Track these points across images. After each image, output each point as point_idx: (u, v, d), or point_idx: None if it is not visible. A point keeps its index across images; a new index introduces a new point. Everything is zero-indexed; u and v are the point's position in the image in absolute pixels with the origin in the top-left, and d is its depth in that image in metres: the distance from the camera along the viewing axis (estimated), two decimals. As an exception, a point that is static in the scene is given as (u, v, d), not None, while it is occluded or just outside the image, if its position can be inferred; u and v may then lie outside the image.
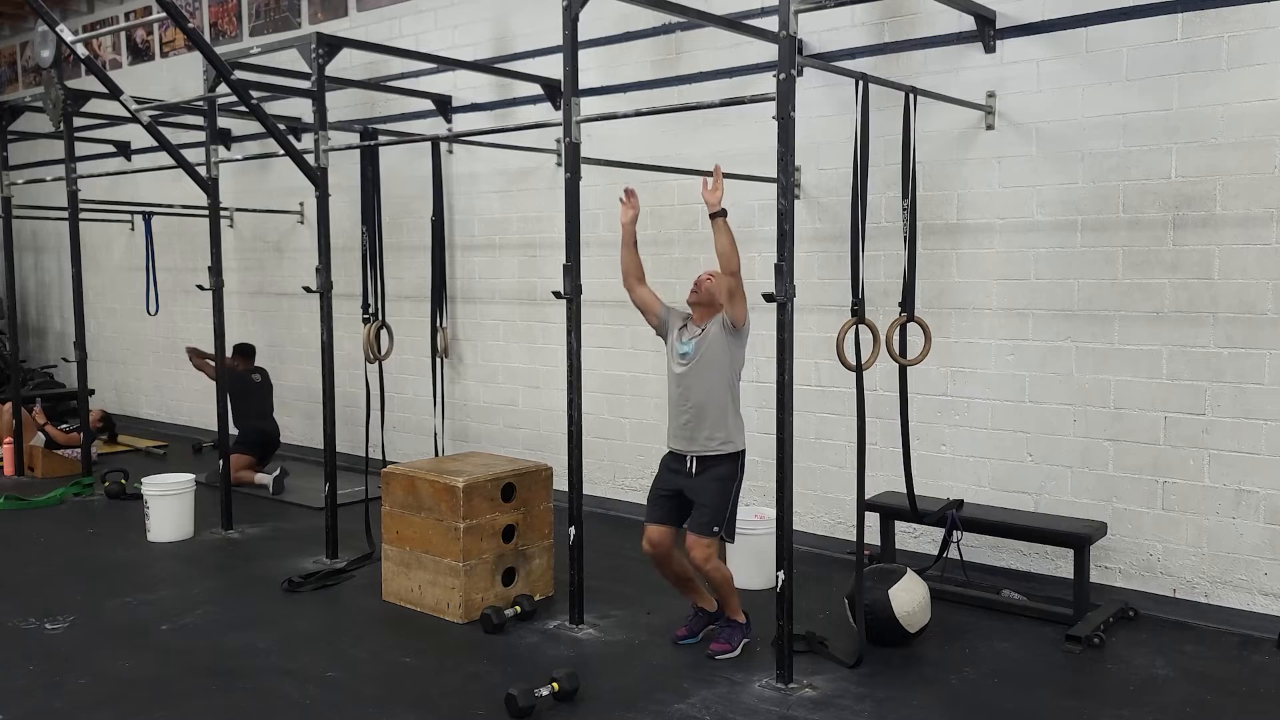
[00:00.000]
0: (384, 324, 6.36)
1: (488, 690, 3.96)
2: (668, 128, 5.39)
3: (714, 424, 4.21)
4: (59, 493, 7.25)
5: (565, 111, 4.48)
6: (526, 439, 7.27)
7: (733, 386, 4.26)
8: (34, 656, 4.38)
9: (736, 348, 4.24)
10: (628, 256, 4.43)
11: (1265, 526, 4.62)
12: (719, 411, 4.21)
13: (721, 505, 4.22)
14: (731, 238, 4.07)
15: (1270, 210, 4.52)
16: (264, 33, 8.80)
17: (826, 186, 5.76)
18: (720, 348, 4.21)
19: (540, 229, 7.09)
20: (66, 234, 7.75)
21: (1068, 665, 4.27)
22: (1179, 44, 4.67)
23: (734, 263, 4.08)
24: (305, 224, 8.68)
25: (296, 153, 5.65)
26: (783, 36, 3.81)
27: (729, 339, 4.21)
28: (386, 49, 6.63)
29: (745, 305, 4.17)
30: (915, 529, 5.47)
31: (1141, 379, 4.88)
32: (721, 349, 4.21)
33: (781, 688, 3.97)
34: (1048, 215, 5.09)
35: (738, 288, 4.12)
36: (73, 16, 10.58)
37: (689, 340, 4.28)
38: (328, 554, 5.74)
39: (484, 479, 4.81)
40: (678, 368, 4.29)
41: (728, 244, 4.06)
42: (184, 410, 10.13)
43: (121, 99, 5.92)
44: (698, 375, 4.23)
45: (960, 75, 5.26)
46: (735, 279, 4.11)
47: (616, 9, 5.25)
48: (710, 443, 4.22)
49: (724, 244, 4.07)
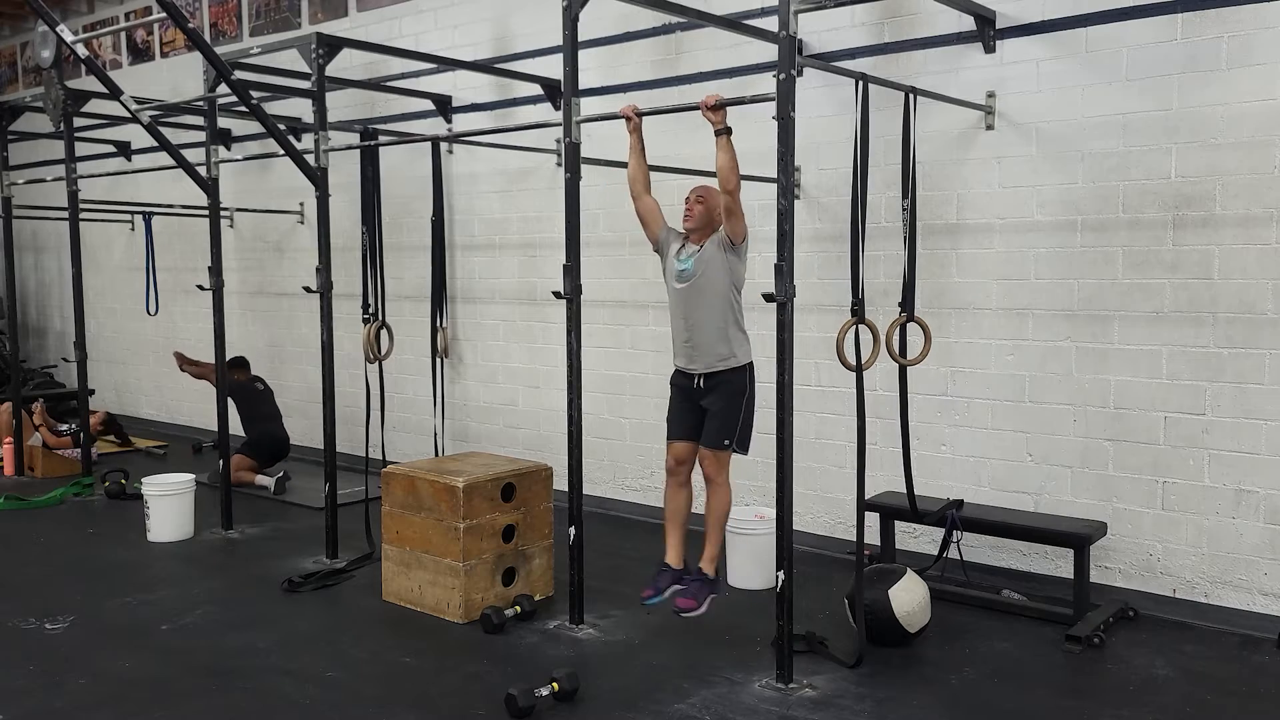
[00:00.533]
0: (384, 324, 6.36)
1: (488, 690, 3.96)
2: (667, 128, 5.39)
3: (715, 341, 4.20)
4: (59, 493, 7.25)
5: (565, 111, 4.48)
6: (526, 439, 7.27)
7: (734, 303, 4.23)
8: (34, 656, 4.38)
9: (736, 263, 4.21)
10: (636, 164, 4.38)
11: (1265, 526, 4.62)
12: (719, 329, 4.19)
13: (733, 417, 4.22)
14: (733, 156, 4.03)
15: (1270, 210, 4.52)
16: (264, 33, 8.80)
17: (826, 186, 5.76)
18: (719, 265, 4.18)
19: (540, 229, 7.10)
20: (66, 234, 7.75)
21: (1068, 665, 4.27)
22: (1179, 44, 4.67)
23: (733, 181, 4.04)
24: (305, 224, 8.68)
25: (296, 153, 5.65)
26: (783, 36, 3.82)
27: (728, 255, 4.18)
28: (386, 49, 6.63)
29: (744, 222, 4.14)
30: (915, 529, 5.47)
31: (1141, 379, 4.88)
32: (720, 266, 4.18)
33: (781, 688, 3.97)
34: (1048, 215, 5.09)
35: (735, 206, 4.08)
36: (73, 16, 10.58)
37: (687, 258, 4.25)
38: (328, 554, 5.74)
39: (484, 479, 4.81)
40: (677, 285, 4.28)
41: (729, 162, 4.02)
42: (184, 410, 10.13)
43: (121, 99, 5.92)
44: (697, 293, 4.21)
45: (960, 75, 5.26)
46: (732, 198, 4.07)
47: (616, 9, 5.25)
48: (713, 359, 4.22)
49: (725, 161, 4.02)
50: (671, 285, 4.32)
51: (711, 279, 4.19)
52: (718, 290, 4.19)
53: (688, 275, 4.23)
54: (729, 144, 4.05)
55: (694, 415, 4.32)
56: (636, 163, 4.39)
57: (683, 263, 4.26)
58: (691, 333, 4.24)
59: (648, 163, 4.42)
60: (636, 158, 4.39)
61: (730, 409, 4.23)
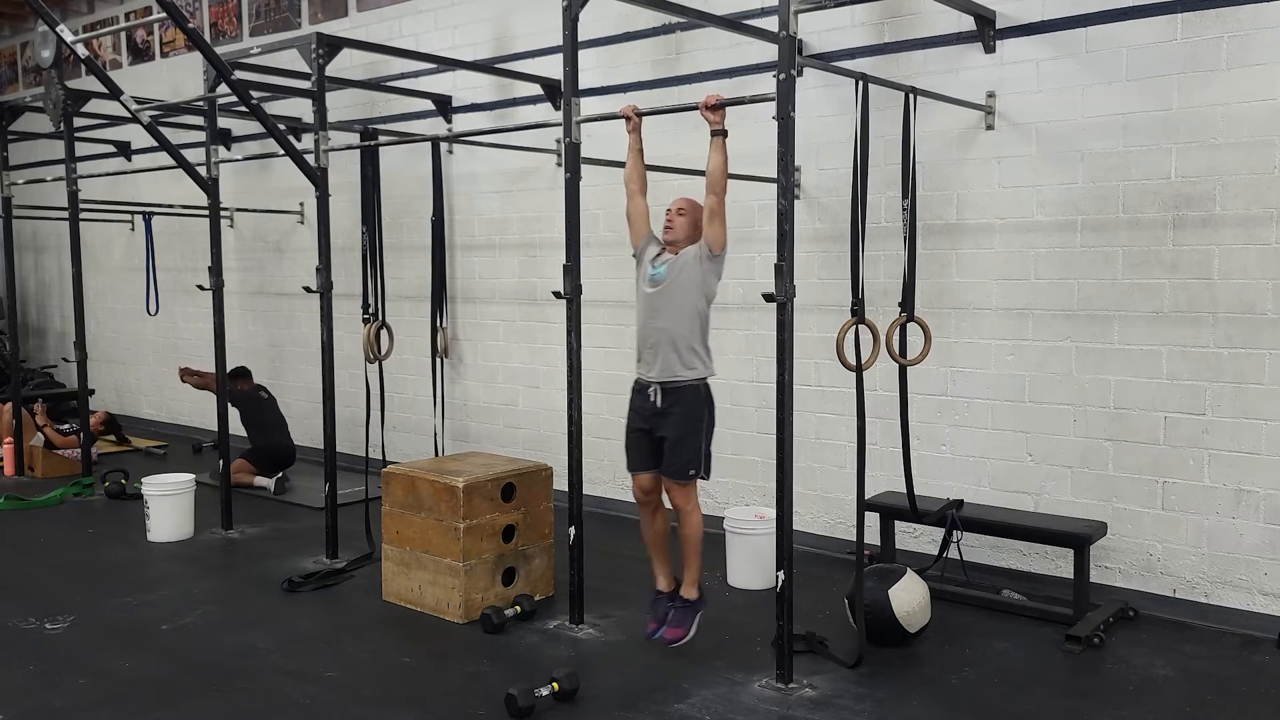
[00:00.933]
0: (384, 324, 6.36)
1: (488, 690, 3.96)
2: (667, 128, 5.39)
3: (679, 350, 4.14)
4: (59, 493, 7.25)
5: (565, 111, 4.48)
6: (526, 439, 7.27)
7: (702, 315, 4.18)
8: (34, 656, 4.38)
9: (711, 274, 4.17)
10: (633, 164, 4.37)
11: (1265, 526, 4.62)
12: (684, 338, 4.14)
13: (694, 447, 4.17)
14: (726, 159, 4.03)
15: (1270, 210, 4.52)
16: (264, 33, 8.80)
17: (826, 186, 5.76)
18: (693, 274, 4.14)
19: (540, 229, 7.10)
20: (66, 234, 7.75)
21: (1068, 665, 4.27)
22: (1179, 44, 4.67)
23: (721, 185, 4.03)
24: (305, 224, 8.68)
25: (296, 153, 5.65)
26: (783, 37, 3.82)
27: (704, 266, 4.14)
28: (386, 49, 6.63)
29: (725, 229, 4.12)
30: (915, 529, 5.47)
31: (1141, 379, 4.88)
32: (694, 276, 4.14)
33: (781, 688, 3.97)
34: (1048, 215, 5.09)
35: (720, 209, 4.07)
36: (73, 16, 10.57)
37: (661, 264, 4.22)
38: (328, 554, 5.74)
39: (484, 479, 4.81)
40: (648, 289, 4.23)
41: (721, 164, 4.02)
42: (184, 410, 10.13)
43: (121, 99, 5.92)
44: (666, 299, 4.16)
45: (960, 75, 5.26)
46: (718, 200, 4.06)
47: (616, 9, 5.25)
48: (675, 366, 4.14)
49: (718, 163, 4.02)
50: (642, 290, 4.28)
51: (683, 287, 4.15)
52: (688, 299, 4.15)
53: (659, 280, 4.20)
54: (724, 146, 4.05)
55: (650, 443, 4.27)
56: (634, 162, 4.38)
57: (656, 268, 4.23)
58: (656, 337, 4.18)
59: (645, 163, 4.41)
60: (634, 157, 4.38)
61: (689, 436, 4.16)
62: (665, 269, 4.20)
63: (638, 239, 4.37)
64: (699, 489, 4.32)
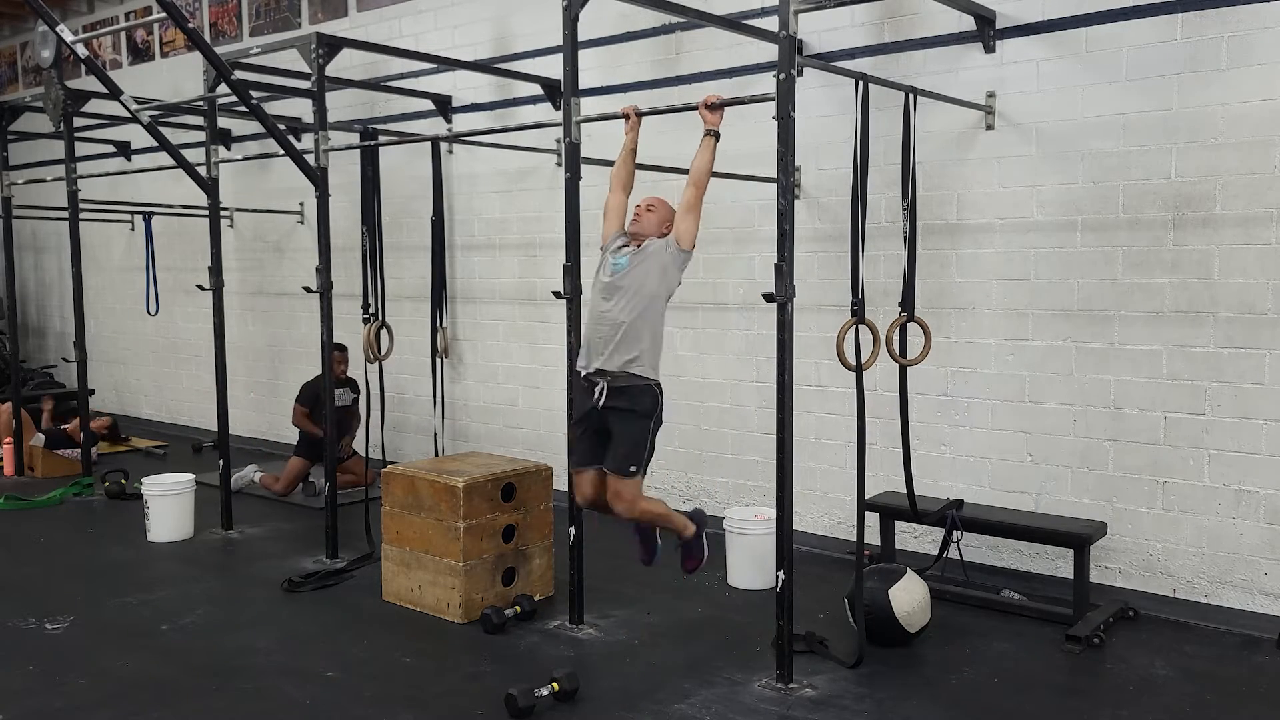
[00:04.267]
0: (384, 324, 6.36)
1: (488, 690, 3.96)
2: (667, 128, 5.39)
3: (632, 344, 4.02)
4: (59, 493, 7.24)
5: (565, 111, 4.48)
6: (526, 439, 7.27)
7: (659, 311, 4.09)
8: (34, 656, 4.38)
9: (674, 267, 4.08)
10: (623, 162, 4.33)
11: (1265, 526, 4.62)
12: (637, 330, 4.02)
13: (640, 443, 4.06)
14: (712, 160, 4.04)
15: (1270, 210, 4.52)
16: (264, 33, 8.80)
17: (826, 186, 5.76)
18: (656, 267, 4.06)
19: (540, 229, 7.09)
20: (66, 234, 7.74)
21: (1068, 665, 4.27)
22: (1179, 44, 4.67)
23: (704, 180, 4.03)
24: (305, 224, 8.68)
25: (296, 153, 5.65)
26: (783, 37, 3.82)
27: (668, 260, 4.06)
28: (386, 49, 6.63)
29: (698, 225, 4.08)
30: (915, 529, 5.47)
31: (1141, 379, 4.88)
32: (657, 269, 4.06)
33: (781, 688, 3.97)
34: (1048, 215, 5.09)
35: (696, 204, 4.05)
36: (73, 16, 10.57)
37: (624, 255, 4.14)
38: (328, 554, 5.74)
39: (484, 479, 4.81)
40: (606, 278, 4.13)
41: (707, 162, 4.03)
42: (184, 410, 10.13)
43: (121, 99, 5.92)
44: (623, 287, 4.05)
45: (960, 75, 5.26)
46: (698, 193, 4.04)
47: (616, 9, 5.25)
48: (624, 358, 4.00)
49: (705, 162, 4.03)
50: (599, 280, 4.16)
51: (644, 276, 4.05)
52: (647, 289, 4.05)
53: (620, 269, 4.10)
54: (714, 147, 4.07)
55: (594, 437, 4.14)
56: (624, 160, 4.35)
57: (619, 258, 4.14)
58: (610, 328, 4.03)
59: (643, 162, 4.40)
60: (626, 155, 4.35)
61: (639, 434, 4.05)
62: (627, 259, 4.11)
63: (608, 234, 4.30)
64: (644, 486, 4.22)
